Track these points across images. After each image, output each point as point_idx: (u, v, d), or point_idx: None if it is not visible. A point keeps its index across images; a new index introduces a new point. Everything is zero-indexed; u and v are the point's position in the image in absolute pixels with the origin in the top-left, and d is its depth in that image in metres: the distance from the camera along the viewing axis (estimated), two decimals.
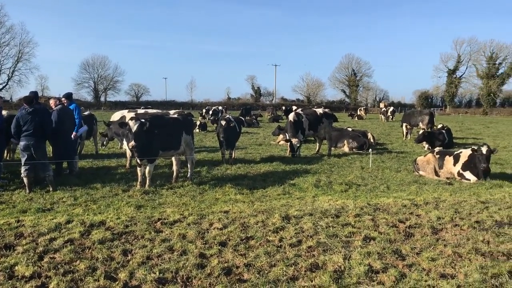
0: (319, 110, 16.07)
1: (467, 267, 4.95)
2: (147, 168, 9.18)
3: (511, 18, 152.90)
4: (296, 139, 14.23)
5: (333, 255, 5.23)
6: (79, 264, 4.92)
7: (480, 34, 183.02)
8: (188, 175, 10.36)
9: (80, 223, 6.43)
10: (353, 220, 6.81)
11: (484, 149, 10.14)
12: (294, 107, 34.24)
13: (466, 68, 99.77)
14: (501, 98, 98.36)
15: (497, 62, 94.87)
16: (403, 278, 4.61)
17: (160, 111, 14.17)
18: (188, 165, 10.49)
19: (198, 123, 26.62)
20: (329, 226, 6.46)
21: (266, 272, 4.78)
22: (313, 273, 4.73)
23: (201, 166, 11.99)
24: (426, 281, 4.55)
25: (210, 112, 35.40)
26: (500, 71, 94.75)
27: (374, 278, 4.62)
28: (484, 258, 5.28)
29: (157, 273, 4.68)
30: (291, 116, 14.98)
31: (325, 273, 4.70)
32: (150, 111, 13.85)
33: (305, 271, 4.79)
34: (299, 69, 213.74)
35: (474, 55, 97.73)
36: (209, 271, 4.81)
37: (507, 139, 23.22)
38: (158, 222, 6.60)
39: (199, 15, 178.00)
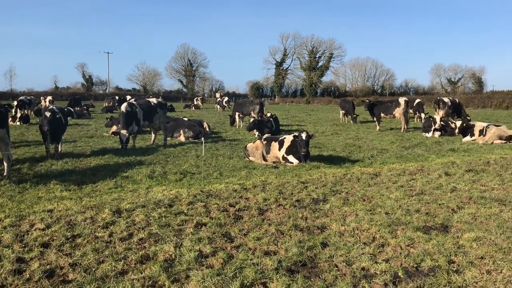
0: (153, 100, 15.83)
1: (288, 242, 5.44)
2: None
3: (329, 14, 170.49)
4: (125, 131, 13.79)
5: (164, 245, 5.24)
6: None
7: (303, 29, 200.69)
8: (5, 174, 9.27)
9: None
10: (186, 208, 6.92)
11: (303, 135, 11.18)
12: (128, 97, 33.09)
13: (292, 60, 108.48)
14: (321, 88, 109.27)
15: (317, 56, 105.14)
16: (231, 259, 4.86)
17: None
18: (4, 163, 9.38)
19: (19, 115, 23.99)
20: (162, 216, 6.45)
21: (93, 269, 4.58)
22: (144, 265, 4.68)
23: (21, 163, 10.84)
24: (251, 259, 4.86)
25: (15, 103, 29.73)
26: (320, 64, 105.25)
27: (204, 263, 4.77)
28: (302, 233, 5.86)
29: None
30: (123, 107, 14.45)
31: (156, 263, 4.69)
32: None
33: (135, 264, 4.71)
34: (135, 58, 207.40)
35: (298, 48, 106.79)
36: (28, 276, 4.41)
37: (325, 125, 26.01)
38: None
39: None
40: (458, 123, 17.89)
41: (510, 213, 6.80)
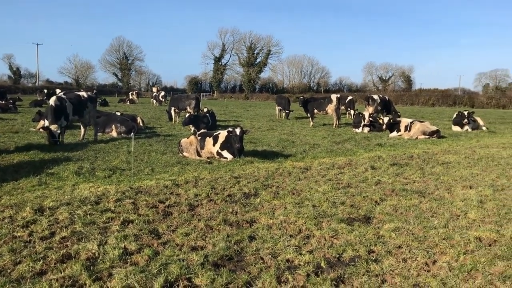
0: (83, 94, 15.25)
1: (216, 237, 5.45)
2: None
3: (267, 12, 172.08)
4: (56, 125, 13.19)
5: (87, 243, 5.08)
6: None
7: (241, 25, 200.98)
8: None
9: None
10: (113, 205, 6.74)
11: (238, 131, 11.24)
12: (58, 91, 31.61)
13: (230, 56, 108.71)
14: (259, 84, 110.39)
15: (255, 52, 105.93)
16: (157, 256, 4.79)
17: None
18: None
19: None
20: (87, 214, 6.23)
21: (9, 271, 4.34)
22: (64, 264, 4.51)
23: None
24: (178, 255, 4.83)
25: None
26: (258, 60, 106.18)
27: (128, 260, 4.68)
28: (231, 227, 5.90)
29: None
30: (52, 100, 13.79)
31: (77, 262, 4.53)
32: None
33: (55, 264, 4.53)
34: (67, 50, 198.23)
35: (237, 44, 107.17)
36: None
37: (261, 120, 26.28)
38: None
39: None
40: (386, 119, 18.75)
41: (428, 204, 7.23)
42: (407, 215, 6.62)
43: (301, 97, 24.56)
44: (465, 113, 20.78)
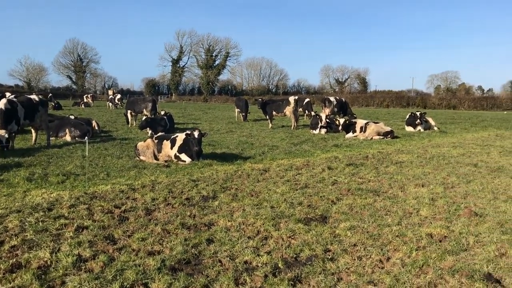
0: (35, 97, 14.71)
1: (173, 241, 5.40)
2: None
3: (225, 15, 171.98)
4: (4, 130, 12.66)
5: (39, 251, 4.91)
6: None
7: (199, 27, 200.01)
8: None
9: None
10: (67, 212, 6.54)
11: (196, 133, 11.16)
12: (8, 94, 30.33)
13: (188, 58, 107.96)
14: (218, 86, 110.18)
15: (213, 54, 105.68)
16: (112, 262, 4.70)
17: None
18: None
19: None
20: (39, 221, 6.02)
21: None
22: (14, 274, 4.34)
23: None
24: (134, 261, 4.75)
25: None
26: (217, 62, 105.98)
27: (83, 267, 4.55)
28: (189, 231, 5.86)
29: None
30: (2, 104, 13.21)
31: (28, 271, 4.37)
32: None
33: (4, 274, 4.35)
34: (18, 52, 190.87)
35: (195, 46, 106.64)
36: None
37: (220, 123, 26.23)
38: None
39: None
40: (342, 120, 19.14)
41: (382, 203, 7.43)
42: (362, 213, 6.79)
43: (260, 100, 24.70)
44: (418, 114, 21.50)
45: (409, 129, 21.50)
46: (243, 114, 28.34)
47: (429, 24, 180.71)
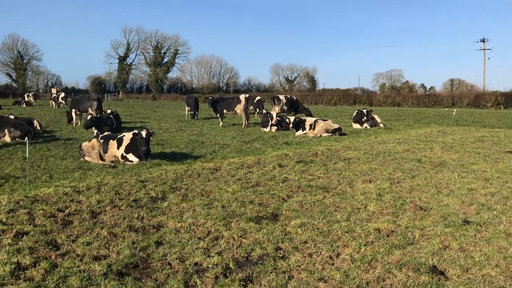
0: None
1: (120, 245, 5.21)
2: None
3: (173, 11, 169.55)
4: None
5: None
6: None
7: (146, 24, 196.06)
8: None
9: None
10: (5, 217, 6.17)
11: (143, 133, 10.88)
12: None
13: (136, 55, 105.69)
14: (167, 84, 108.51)
15: (162, 52, 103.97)
16: (54, 269, 4.46)
17: None
18: None
19: None
20: None
21: None
22: None
23: None
24: (78, 266, 4.53)
25: None
26: (165, 60, 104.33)
27: (22, 276, 4.29)
28: (137, 233, 5.68)
29: None
30: None
31: None
32: None
33: None
34: None
35: (142, 43, 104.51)
36: None
37: (170, 121, 25.80)
38: None
39: None
40: (292, 118, 19.34)
41: (331, 199, 7.54)
42: (312, 210, 6.85)
43: (210, 98, 24.48)
44: (364, 111, 22.07)
45: (356, 126, 22.03)
46: (192, 112, 28.01)
47: (375, 24, 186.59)
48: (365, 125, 21.70)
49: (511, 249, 5.20)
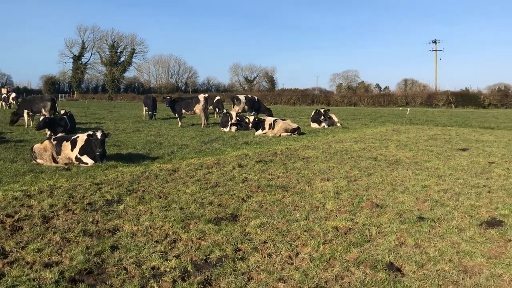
0: None
1: (74, 250, 5.02)
2: None
3: (130, 10, 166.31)
4: None
5: None
6: None
7: (102, 23, 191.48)
8: None
9: None
10: None
11: (99, 134, 10.57)
12: None
13: (91, 55, 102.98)
14: (124, 84, 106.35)
15: (118, 51, 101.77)
16: (1, 278, 4.24)
17: None
18: None
19: None
20: None
21: None
22: None
23: None
24: (28, 275, 4.33)
25: None
26: (122, 59, 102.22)
27: None
28: (92, 238, 5.49)
29: None
30: None
31: None
32: None
33: None
34: None
35: (98, 42, 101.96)
36: None
37: (127, 122, 25.24)
38: None
39: None
40: (251, 118, 19.35)
41: (290, 198, 7.57)
42: (272, 210, 6.85)
43: (168, 97, 24.10)
44: (322, 111, 22.38)
45: (314, 125, 22.30)
46: (150, 112, 27.54)
47: (331, 26, 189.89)
48: (323, 124, 22.00)
49: (464, 244, 5.38)
